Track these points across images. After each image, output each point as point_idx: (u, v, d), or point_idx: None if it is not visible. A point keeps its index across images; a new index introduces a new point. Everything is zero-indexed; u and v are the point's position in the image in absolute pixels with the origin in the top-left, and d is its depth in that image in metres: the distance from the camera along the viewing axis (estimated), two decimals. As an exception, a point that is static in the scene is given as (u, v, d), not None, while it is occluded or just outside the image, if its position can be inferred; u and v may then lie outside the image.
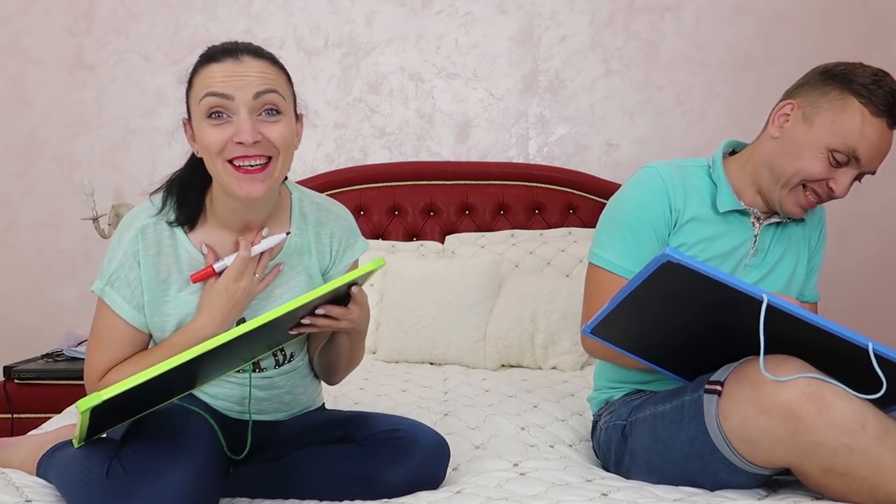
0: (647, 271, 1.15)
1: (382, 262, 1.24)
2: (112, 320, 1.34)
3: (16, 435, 2.35)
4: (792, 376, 1.17)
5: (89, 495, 1.17)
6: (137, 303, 1.33)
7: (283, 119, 1.28)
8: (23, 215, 3.06)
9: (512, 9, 3.04)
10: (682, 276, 1.13)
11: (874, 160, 1.44)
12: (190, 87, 1.30)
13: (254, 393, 1.42)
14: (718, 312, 1.22)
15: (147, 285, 1.33)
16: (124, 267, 1.32)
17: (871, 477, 1.15)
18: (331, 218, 1.46)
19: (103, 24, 3.02)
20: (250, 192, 1.26)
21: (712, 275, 1.12)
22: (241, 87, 1.23)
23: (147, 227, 1.33)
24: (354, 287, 1.28)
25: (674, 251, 1.11)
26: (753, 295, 1.13)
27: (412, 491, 1.32)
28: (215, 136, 1.24)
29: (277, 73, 1.30)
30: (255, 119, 1.25)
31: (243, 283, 1.32)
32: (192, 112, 1.29)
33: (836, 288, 2.45)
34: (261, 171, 1.26)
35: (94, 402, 1.05)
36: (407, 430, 1.37)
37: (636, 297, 1.20)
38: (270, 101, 1.26)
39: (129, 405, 1.19)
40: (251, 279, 1.33)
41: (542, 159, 3.07)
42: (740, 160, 1.58)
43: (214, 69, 1.26)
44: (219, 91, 1.23)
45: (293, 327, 1.27)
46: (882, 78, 1.42)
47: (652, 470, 1.39)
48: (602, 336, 1.34)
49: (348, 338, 1.41)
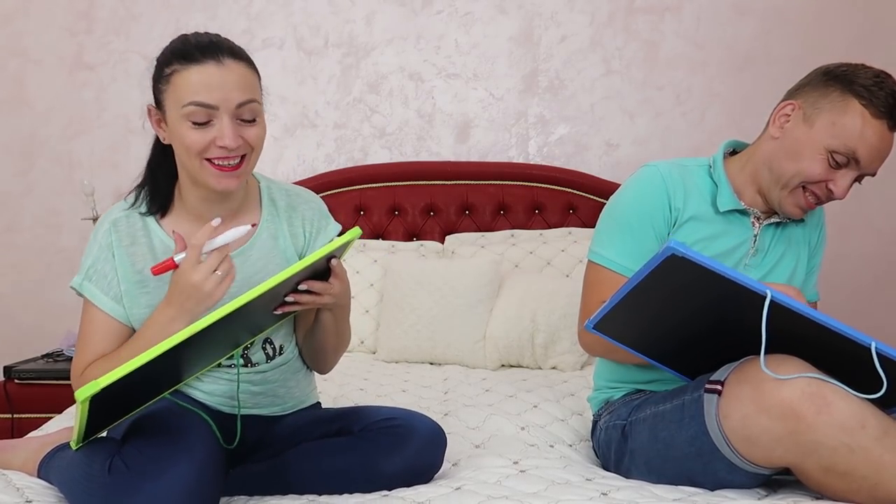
0: (651, 265, 1.14)
1: (359, 232, 1.28)
2: (93, 314, 1.37)
3: (16, 435, 2.36)
4: (792, 375, 1.18)
5: (91, 492, 1.17)
6: (115, 294, 1.36)
7: (259, 122, 1.34)
8: (23, 215, 3.06)
9: (512, 9, 3.04)
10: (686, 271, 1.13)
11: (874, 162, 1.44)
12: (167, 84, 1.30)
13: (247, 387, 1.44)
14: (721, 308, 1.21)
15: (123, 276, 1.36)
16: (100, 260, 1.37)
17: (871, 476, 1.15)
18: (300, 202, 1.51)
19: (103, 24, 3.02)
20: (227, 186, 1.32)
21: (717, 269, 1.11)
22: (225, 98, 1.28)
23: (119, 219, 1.38)
24: (333, 260, 1.30)
25: (679, 244, 1.10)
26: (757, 290, 1.12)
27: (410, 480, 1.33)
28: (197, 137, 1.29)
29: (254, 76, 1.34)
30: (235, 123, 1.30)
31: (195, 277, 1.22)
32: (169, 108, 1.31)
33: (836, 288, 2.45)
34: (237, 168, 1.32)
35: (93, 391, 1.06)
36: (403, 419, 1.38)
37: (640, 291, 1.20)
38: (250, 110, 1.31)
39: (123, 399, 1.19)
40: (204, 275, 1.22)
41: (542, 159, 3.07)
42: (741, 160, 1.58)
43: (197, 74, 1.27)
44: (204, 101, 1.27)
45: (278, 307, 1.29)
46: (884, 80, 1.41)
47: (652, 469, 1.39)
48: (604, 331, 1.33)
49: (332, 316, 1.43)
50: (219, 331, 1.18)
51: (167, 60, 1.31)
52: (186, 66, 1.28)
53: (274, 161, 3.06)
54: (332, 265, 1.31)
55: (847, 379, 1.18)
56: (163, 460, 1.16)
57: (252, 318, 1.28)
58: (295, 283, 1.26)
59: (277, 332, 1.46)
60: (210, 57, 1.28)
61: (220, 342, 1.29)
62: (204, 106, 1.27)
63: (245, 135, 1.31)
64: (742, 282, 1.12)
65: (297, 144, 3.07)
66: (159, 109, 1.34)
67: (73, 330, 2.77)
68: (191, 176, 1.35)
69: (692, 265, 1.12)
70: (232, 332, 1.27)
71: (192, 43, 1.30)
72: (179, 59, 1.29)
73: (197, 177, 1.33)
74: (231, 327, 1.23)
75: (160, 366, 1.13)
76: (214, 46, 1.30)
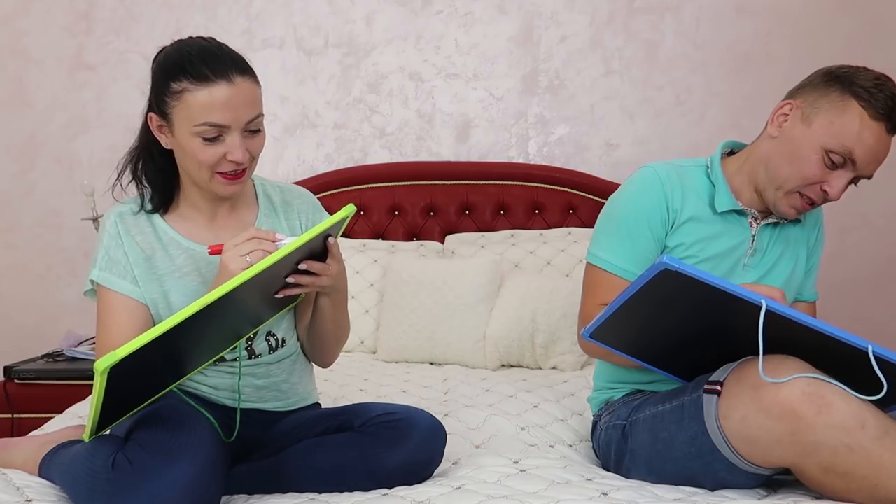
0: (644, 278, 1.16)
1: (353, 209, 1.32)
2: (112, 299, 1.40)
3: (16, 435, 2.35)
4: (791, 376, 1.18)
5: (94, 488, 1.18)
6: (130, 277, 1.41)
7: (262, 131, 1.39)
8: (23, 215, 3.06)
9: (512, 9, 3.04)
10: (679, 283, 1.14)
11: (870, 163, 1.43)
12: (176, 100, 1.32)
13: (251, 381, 1.46)
14: (717, 316, 1.22)
15: (134, 259, 1.41)
16: (111, 248, 1.41)
17: (870, 476, 1.15)
18: (294, 196, 1.57)
19: (103, 24, 3.02)
20: (233, 192, 1.40)
21: (710, 281, 1.12)
22: (237, 117, 1.33)
23: (125, 212, 1.44)
24: (330, 239, 1.34)
25: (671, 259, 1.11)
26: (752, 300, 1.13)
27: (411, 474, 1.34)
28: (209, 153, 1.34)
29: (258, 89, 1.38)
30: (243, 136, 1.35)
31: (228, 254, 1.28)
32: (178, 123, 1.34)
33: (836, 288, 2.45)
34: (242, 175, 1.39)
35: (112, 361, 1.07)
36: (403, 414, 1.39)
37: (634, 302, 1.21)
38: (256, 123, 1.37)
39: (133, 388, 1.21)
40: (233, 254, 1.27)
41: (542, 159, 3.07)
42: (738, 160, 1.58)
43: (210, 95, 1.30)
44: (218, 123, 1.32)
45: (279, 290, 1.32)
46: (884, 83, 1.41)
47: (652, 470, 1.39)
48: (601, 339, 1.35)
49: (330, 303, 1.46)
50: (225, 313, 1.21)
51: (174, 75, 1.32)
52: (198, 85, 1.30)
53: (274, 161, 3.05)
54: (329, 244, 1.34)
55: (846, 381, 1.18)
56: (166, 457, 1.17)
57: (254, 305, 1.31)
58: (294, 262, 1.30)
59: (279, 324, 1.48)
60: (222, 77, 1.31)
61: (224, 331, 1.31)
62: (217, 126, 1.32)
63: (250, 147, 1.37)
64: (736, 292, 1.13)
65: (297, 144, 3.07)
66: (164, 119, 1.36)
67: (73, 330, 2.77)
68: (195, 181, 1.40)
69: (685, 278, 1.13)
70: (235, 321, 1.30)
71: (201, 59, 1.32)
72: (190, 77, 1.30)
73: (204, 185, 1.39)
74: (235, 315, 1.26)
75: (171, 347, 1.16)
76: (224, 63, 1.32)
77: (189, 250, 1.43)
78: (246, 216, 1.50)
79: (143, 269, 1.41)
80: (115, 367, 1.09)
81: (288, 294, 1.35)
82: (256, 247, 1.27)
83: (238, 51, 1.38)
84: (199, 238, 1.44)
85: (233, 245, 1.28)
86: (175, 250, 1.43)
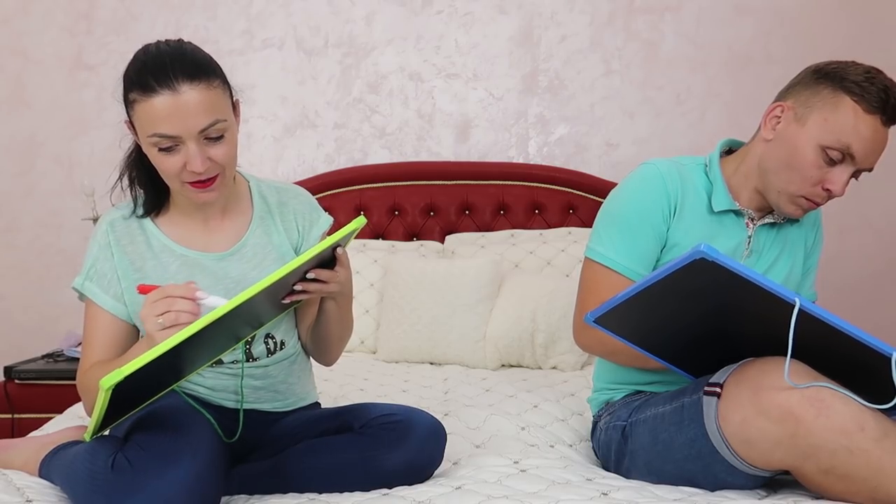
0: (677, 265, 1.11)
1: (363, 221, 1.30)
2: (94, 312, 1.40)
3: (16, 435, 2.36)
4: (808, 384, 1.16)
5: (94, 489, 1.18)
6: (115, 292, 1.39)
7: (227, 137, 1.32)
8: (23, 215, 3.06)
9: (512, 9, 3.04)
10: (711, 273, 1.10)
11: (870, 156, 1.42)
12: (132, 110, 1.31)
13: (249, 382, 1.45)
14: (740, 312, 1.19)
15: (122, 274, 1.39)
16: (99, 259, 1.40)
17: (870, 479, 1.15)
18: (290, 196, 1.54)
19: (103, 24, 3.02)
20: (207, 199, 1.36)
21: (746, 274, 1.09)
22: (186, 127, 1.26)
23: (116, 220, 1.43)
24: (339, 248, 1.32)
25: (709, 248, 1.07)
26: (786, 298, 1.10)
27: (411, 475, 1.34)
28: (169, 163, 1.30)
29: (215, 94, 1.30)
30: (201, 145, 1.29)
31: (142, 311, 1.19)
32: (139, 132, 1.32)
33: (835, 288, 2.45)
34: (212, 182, 1.33)
35: (117, 379, 1.07)
36: (403, 414, 1.39)
37: (657, 289, 1.17)
38: (216, 130, 1.30)
39: (132, 394, 1.20)
40: (147, 313, 1.18)
41: (541, 159, 3.07)
42: (735, 161, 1.57)
43: (154, 106, 1.26)
44: (166, 133, 1.27)
45: (286, 296, 1.31)
46: (875, 75, 1.40)
47: (652, 471, 1.39)
48: (606, 325, 1.30)
49: (336, 305, 1.44)
50: (229, 321, 1.19)
51: (128, 85, 1.30)
52: (144, 96, 1.27)
53: (274, 161, 3.06)
54: (338, 254, 1.33)
55: (855, 384, 1.17)
56: (166, 457, 1.17)
57: (257, 310, 1.30)
58: (303, 272, 1.29)
59: (278, 327, 1.48)
60: (164, 86, 1.25)
61: (224, 335, 1.31)
62: (167, 137, 1.27)
63: (212, 155, 1.30)
64: (772, 289, 1.10)
65: (297, 144, 3.07)
66: (131, 128, 1.36)
67: (73, 330, 2.77)
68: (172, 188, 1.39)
69: (720, 269, 1.09)
70: (235, 325, 1.29)
71: (149, 67, 1.28)
72: (137, 87, 1.28)
73: (178, 193, 1.38)
74: (237, 319, 1.25)
75: (171, 358, 1.15)
76: (168, 71, 1.26)
77: (182, 257, 1.42)
78: (239, 220, 1.47)
79: (131, 281, 1.38)
80: (121, 382, 1.08)
81: (295, 300, 1.34)
82: (169, 307, 1.16)
83: (238, 51, 1.38)
84: (192, 244, 1.43)
85: (149, 302, 1.18)
86: (168, 257, 1.41)
